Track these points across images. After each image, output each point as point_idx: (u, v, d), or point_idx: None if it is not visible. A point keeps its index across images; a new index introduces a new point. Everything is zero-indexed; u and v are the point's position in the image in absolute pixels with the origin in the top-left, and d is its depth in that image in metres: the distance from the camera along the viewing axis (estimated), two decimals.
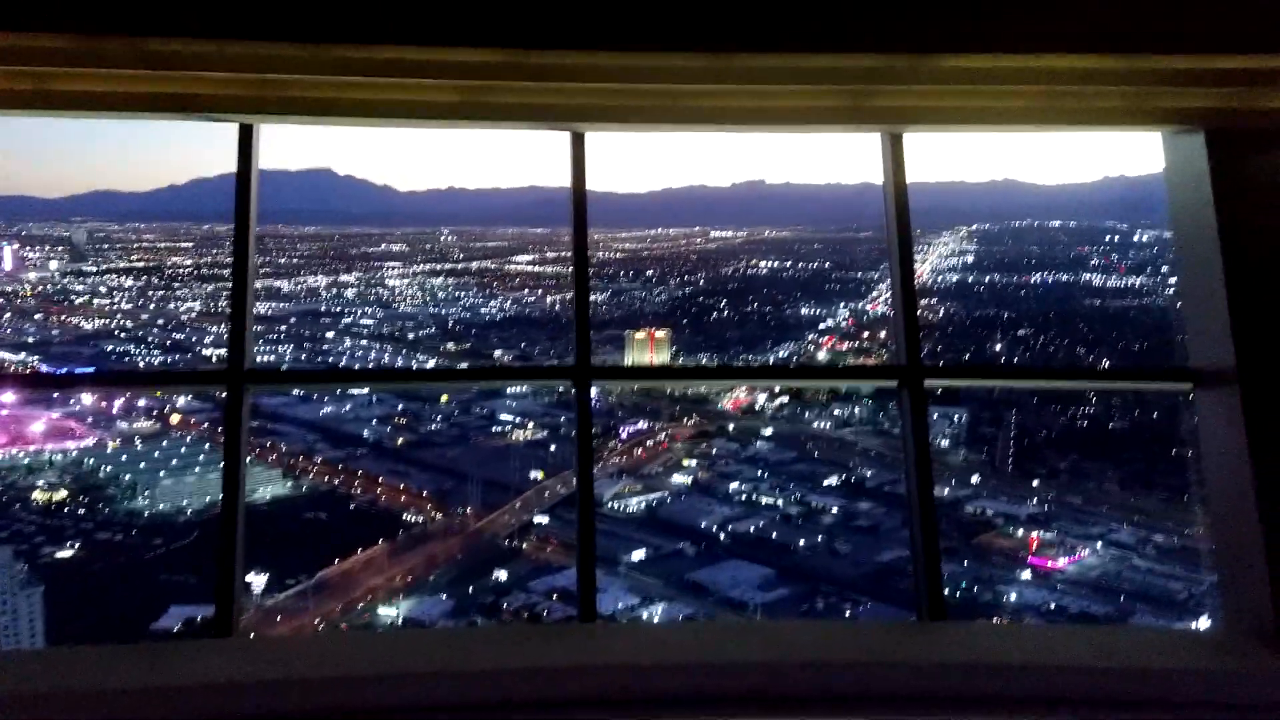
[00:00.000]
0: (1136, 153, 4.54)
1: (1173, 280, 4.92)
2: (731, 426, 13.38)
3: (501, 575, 11.77)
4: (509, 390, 12.93)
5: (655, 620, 11.51)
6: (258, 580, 10.48)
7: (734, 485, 12.53)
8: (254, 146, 4.21)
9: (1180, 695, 3.56)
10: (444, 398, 13.23)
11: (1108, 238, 12.40)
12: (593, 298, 4.18)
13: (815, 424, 12.86)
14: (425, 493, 12.51)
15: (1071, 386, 9.36)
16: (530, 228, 15.38)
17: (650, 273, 14.79)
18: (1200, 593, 9.70)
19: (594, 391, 4.07)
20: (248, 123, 4.21)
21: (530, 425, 12.84)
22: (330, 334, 14.06)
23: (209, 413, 12.31)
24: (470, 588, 11.80)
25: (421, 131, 4.39)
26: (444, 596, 11.68)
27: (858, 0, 3.92)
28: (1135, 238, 12.64)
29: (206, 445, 12.13)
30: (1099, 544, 10.56)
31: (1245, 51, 3.98)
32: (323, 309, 14.35)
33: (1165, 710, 3.55)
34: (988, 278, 13.25)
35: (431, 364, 13.82)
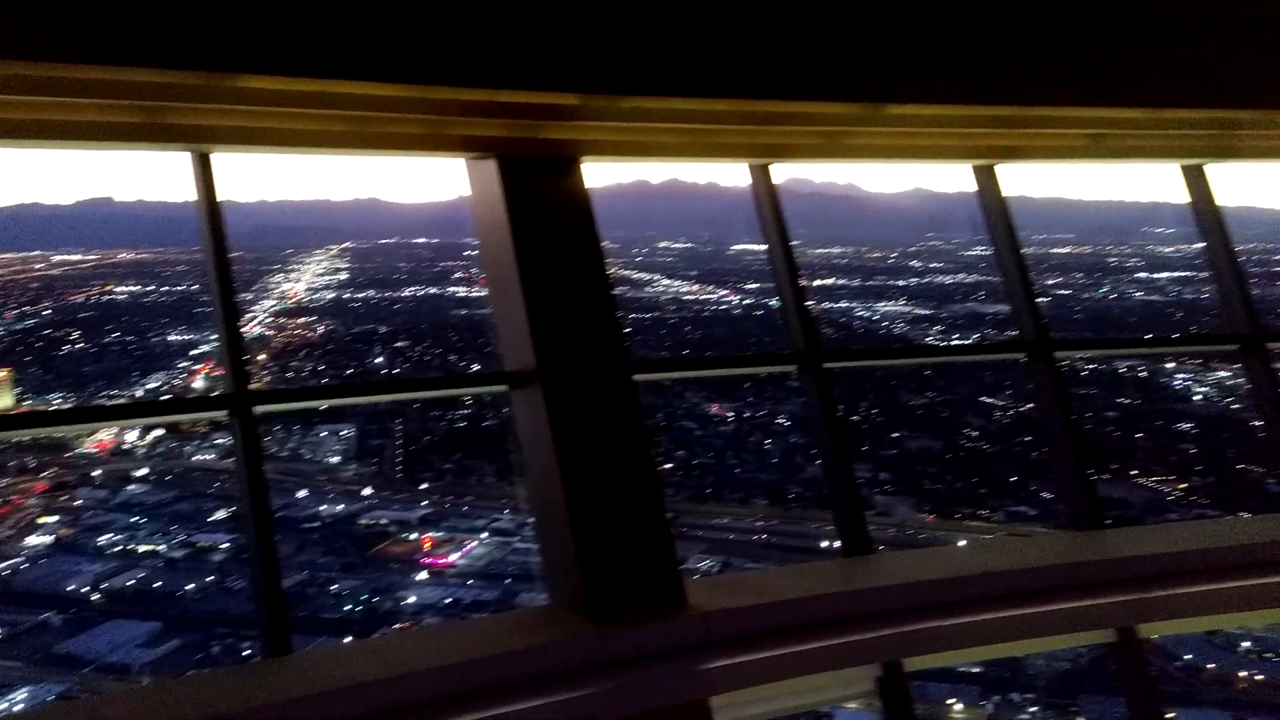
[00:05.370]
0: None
1: None
2: (98, 472, 11.97)
3: None
4: None
5: (18, 708, 9.89)
6: None
7: (105, 537, 11.22)
8: None
9: (515, 674, 3.91)
10: None
11: (465, 253, 13.38)
12: None
13: (196, 456, 11.99)
14: None
15: (400, 398, 9.53)
16: None
17: None
18: None
19: None
20: None
21: None
22: None
23: None
24: None
25: None
26: None
27: (155, 15, 3.63)
28: None
29: None
30: (485, 534, 11.37)
31: (528, 87, 4.47)
32: None
33: (506, 693, 3.87)
34: (363, 294, 13.51)
35: None
